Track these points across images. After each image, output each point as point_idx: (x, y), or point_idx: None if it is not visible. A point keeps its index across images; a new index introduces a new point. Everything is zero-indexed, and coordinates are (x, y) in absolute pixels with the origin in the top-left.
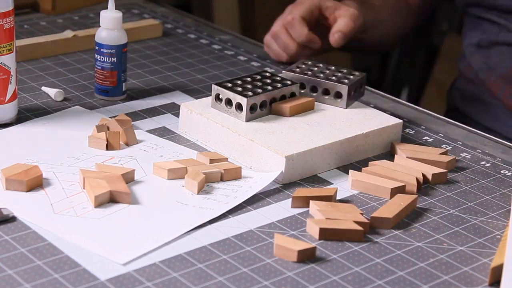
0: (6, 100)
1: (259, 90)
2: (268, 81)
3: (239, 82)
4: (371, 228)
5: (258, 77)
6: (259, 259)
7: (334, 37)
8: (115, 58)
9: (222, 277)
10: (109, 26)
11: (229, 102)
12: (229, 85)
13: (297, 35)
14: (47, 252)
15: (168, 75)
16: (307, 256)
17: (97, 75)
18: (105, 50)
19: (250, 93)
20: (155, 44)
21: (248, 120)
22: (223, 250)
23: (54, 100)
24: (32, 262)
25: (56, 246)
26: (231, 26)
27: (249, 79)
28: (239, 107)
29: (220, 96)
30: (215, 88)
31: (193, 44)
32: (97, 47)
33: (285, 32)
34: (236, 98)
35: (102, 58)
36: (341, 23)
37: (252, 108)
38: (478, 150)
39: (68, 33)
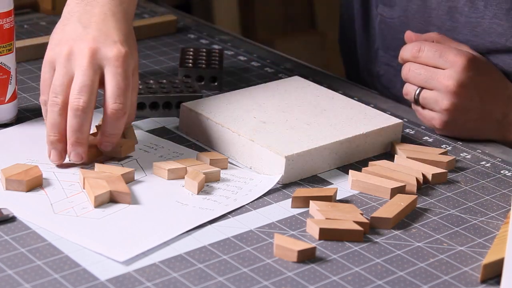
0: (6, 100)
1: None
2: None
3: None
4: (371, 228)
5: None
6: (259, 259)
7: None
8: None
9: (222, 277)
10: None
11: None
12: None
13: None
14: (47, 252)
15: (168, 75)
16: (307, 256)
17: None
18: None
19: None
20: (155, 44)
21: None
22: (223, 250)
23: None
24: (32, 262)
25: (56, 246)
26: (231, 26)
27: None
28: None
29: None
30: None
31: (193, 44)
32: None
33: None
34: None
35: None
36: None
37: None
38: (478, 150)
39: None
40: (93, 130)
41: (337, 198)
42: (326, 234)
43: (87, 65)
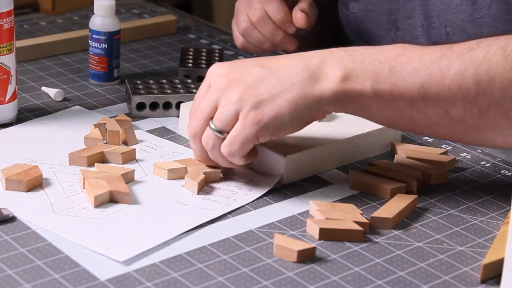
0: (6, 100)
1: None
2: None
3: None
4: (371, 228)
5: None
6: (259, 259)
7: (297, 16)
8: (106, 45)
9: (222, 277)
10: (102, 13)
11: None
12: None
13: (276, 12)
14: (47, 252)
15: (168, 75)
16: (307, 256)
17: (90, 60)
18: (96, 36)
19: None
20: (155, 44)
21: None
22: (223, 250)
23: (54, 100)
24: (32, 262)
25: (56, 246)
26: (231, 26)
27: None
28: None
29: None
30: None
31: (193, 44)
32: (90, 33)
33: (265, 13)
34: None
35: (94, 44)
36: (303, 4)
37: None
38: (478, 150)
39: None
40: (91, 129)
41: (337, 198)
42: (326, 234)
43: None
